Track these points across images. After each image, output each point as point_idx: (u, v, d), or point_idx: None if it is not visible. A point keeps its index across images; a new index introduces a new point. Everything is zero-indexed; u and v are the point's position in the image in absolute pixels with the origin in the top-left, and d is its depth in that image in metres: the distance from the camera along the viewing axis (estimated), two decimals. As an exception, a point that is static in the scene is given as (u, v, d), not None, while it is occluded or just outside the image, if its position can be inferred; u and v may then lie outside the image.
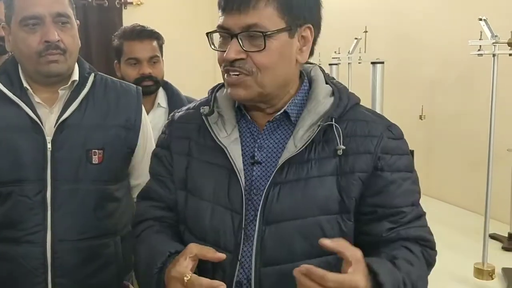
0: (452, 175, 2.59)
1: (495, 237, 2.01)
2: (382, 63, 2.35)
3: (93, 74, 1.50)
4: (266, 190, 1.05)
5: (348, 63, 2.70)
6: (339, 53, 2.71)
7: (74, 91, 1.45)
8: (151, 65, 2.04)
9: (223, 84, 1.14)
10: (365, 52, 2.65)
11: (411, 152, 1.19)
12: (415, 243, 1.06)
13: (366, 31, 2.61)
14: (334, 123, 1.05)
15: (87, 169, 1.42)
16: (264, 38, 1.00)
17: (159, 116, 2.10)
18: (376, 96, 2.34)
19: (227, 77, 1.06)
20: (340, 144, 1.04)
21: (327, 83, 1.14)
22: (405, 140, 1.13)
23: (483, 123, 1.79)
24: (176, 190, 1.17)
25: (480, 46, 1.75)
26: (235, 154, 1.09)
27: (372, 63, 2.37)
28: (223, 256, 1.01)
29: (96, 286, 1.48)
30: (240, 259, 1.06)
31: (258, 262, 1.04)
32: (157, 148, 1.24)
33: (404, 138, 1.13)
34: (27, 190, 1.38)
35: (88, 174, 1.42)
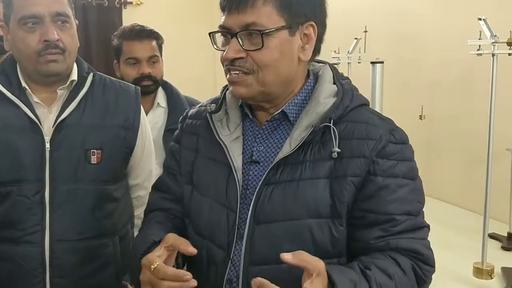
0: (451, 175, 2.59)
1: (495, 236, 2.02)
2: (382, 63, 2.35)
3: (91, 74, 1.50)
4: (258, 189, 1.05)
5: (348, 63, 2.70)
6: (338, 52, 2.70)
7: (73, 91, 1.45)
8: (150, 64, 2.04)
9: None
10: (364, 52, 2.64)
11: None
12: (405, 255, 1.02)
13: (366, 31, 2.61)
14: (331, 125, 1.03)
15: (86, 169, 1.42)
16: (261, 36, 1.00)
17: (159, 116, 2.10)
18: (375, 96, 2.34)
19: (228, 75, 1.07)
20: (335, 147, 1.02)
21: (335, 83, 1.11)
22: (408, 146, 1.08)
23: (483, 123, 1.79)
24: (183, 184, 1.20)
25: (480, 46, 1.75)
26: (235, 153, 1.09)
27: (372, 63, 2.37)
28: (194, 251, 1.02)
29: (94, 286, 1.48)
30: (232, 257, 1.06)
31: (247, 261, 1.04)
32: (172, 142, 1.27)
33: (409, 144, 1.08)
34: (26, 190, 1.38)
35: (86, 174, 1.42)
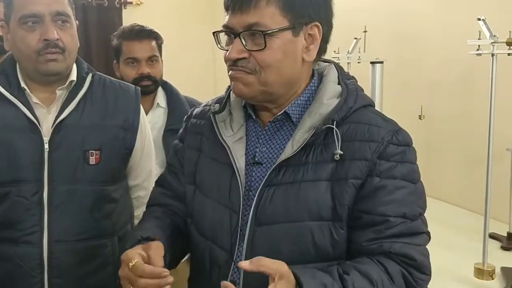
0: (451, 175, 2.59)
1: (494, 236, 2.01)
2: (382, 63, 2.35)
3: (91, 74, 1.49)
4: (259, 190, 1.04)
5: (348, 63, 2.69)
6: (338, 52, 2.70)
7: (72, 91, 1.45)
8: (150, 64, 2.04)
9: None
10: (364, 52, 2.64)
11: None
12: (396, 260, 0.99)
13: (365, 31, 2.61)
14: (334, 126, 1.01)
15: (84, 169, 1.42)
16: (264, 37, 0.99)
17: (158, 116, 2.10)
18: (375, 96, 2.33)
19: (230, 72, 1.06)
20: (338, 149, 1.01)
21: (339, 83, 1.09)
22: (412, 149, 1.06)
23: (482, 123, 1.78)
24: (186, 184, 1.20)
25: (479, 46, 1.74)
26: (238, 154, 1.09)
27: (372, 63, 2.37)
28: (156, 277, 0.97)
29: (93, 287, 1.48)
30: (235, 259, 1.06)
31: None
32: (176, 141, 1.28)
33: (412, 147, 1.06)
34: (25, 191, 1.38)
35: (85, 175, 1.42)
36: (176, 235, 1.17)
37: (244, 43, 1.01)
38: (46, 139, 1.39)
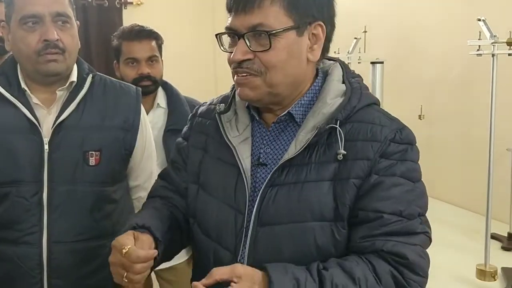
0: (451, 175, 2.59)
1: (495, 236, 2.01)
2: (382, 63, 2.35)
3: (91, 75, 1.49)
4: (262, 191, 1.04)
5: (348, 63, 2.70)
6: (338, 53, 2.70)
7: (72, 92, 1.45)
8: (150, 65, 2.04)
9: None
10: (364, 52, 2.64)
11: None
12: (387, 260, 0.96)
13: (365, 31, 2.61)
14: (337, 126, 1.00)
15: (84, 170, 1.42)
16: (269, 37, 0.99)
17: (159, 116, 2.10)
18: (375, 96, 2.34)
19: (236, 77, 1.06)
20: (341, 149, 0.99)
21: (344, 82, 1.08)
22: (414, 148, 1.05)
23: (482, 123, 1.78)
24: (189, 183, 1.20)
25: (479, 46, 1.74)
26: (243, 155, 1.08)
27: (372, 63, 2.36)
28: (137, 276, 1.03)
29: (92, 287, 1.47)
30: (239, 260, 1.05)
31: (251, 263, 1.03)
32: (179, 139, 1.28)
33: (415, 146, 1.05)
34: (24, 191, 1.38)
35: (85, 175, 1.42)
36: (174, 228, 1.18)
37: (248, 44, 1.01)
38: (46, 139, 1.39)
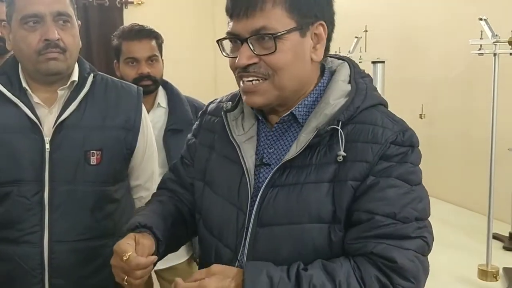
0: (452, 174, 2.58)
1: (496, 236, 2.00)
2: (383, 62, 2.35)
3: (92, 75, 1.49)
4: (262, 191, 1.04)
5: (349, 63, 2.70)
6: (339, 52, 2.70)
7: (74, 92, 1.45)
8: (150, 64, 2.04)
9: None
10: (365, 51, 2.64)
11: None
12: (376, 263, 0.93)
13: (366, 30, 2.61)
14: (339, 127, 0.99)
15: (85, 170, 1.42)
16: (274, 40, 0.98)
17: (159, 116, 2.09)
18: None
19: (242, 84, 1.04)
20: (341, 150, 0.98)
21: (350, 82, 1.06)
22: (416, 150, 1.02)
23: (484, 122, 1.78)
24: (195, 180, 1.21)
25: (481, 46, 1.74)
26: (247, 154, 1.08)
27: (373, 62, 2.36)
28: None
29: (94, 287, 1.47)
30: (239, 258, 1.06)
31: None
32: (189, 135, 1.30)
33: (417, 148, 1.03)
34: (25, 191, 1.38)
35: (86, 175, 1.42)
36: (178, 223, 1.21)
37: (252, 48, 0.99)
38: (47, 139, 1.39)
